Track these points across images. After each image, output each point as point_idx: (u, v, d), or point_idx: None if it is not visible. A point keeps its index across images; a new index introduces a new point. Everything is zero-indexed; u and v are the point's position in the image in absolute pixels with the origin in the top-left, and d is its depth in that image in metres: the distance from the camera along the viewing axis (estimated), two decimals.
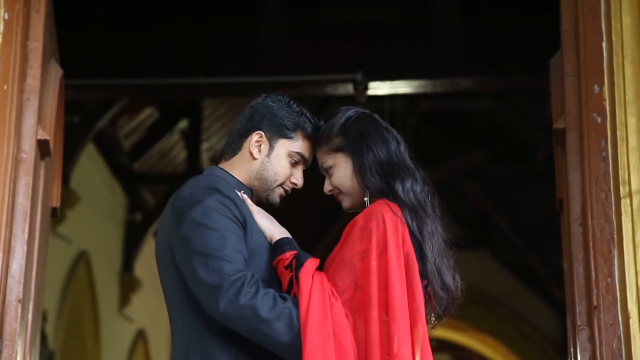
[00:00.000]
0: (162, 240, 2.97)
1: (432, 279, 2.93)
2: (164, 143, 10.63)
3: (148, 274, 10.87)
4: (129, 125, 10.19)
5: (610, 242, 3.49)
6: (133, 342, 10.80)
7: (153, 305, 11.46)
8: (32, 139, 3.77)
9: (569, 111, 3.70)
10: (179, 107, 10.27)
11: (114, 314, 10.20)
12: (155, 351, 11.51)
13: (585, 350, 3.51)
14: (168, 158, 10.91)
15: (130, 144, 10.40)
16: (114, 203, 10.27)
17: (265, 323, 2.73)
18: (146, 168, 10.77)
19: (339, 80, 6.64)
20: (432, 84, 6.85)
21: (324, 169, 3.08)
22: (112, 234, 10.24)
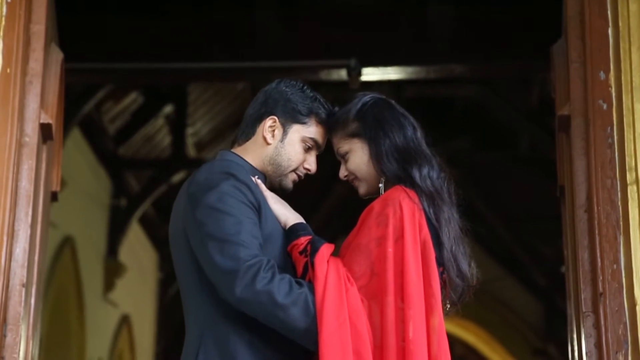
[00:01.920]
0: (176, 225, 2.96)
1: (449, 266, 2.93)
2: (148, 128, 10.59)
3: (133, 259, 10.86)
4: (114, 110, 10.14)
5: (616, 228, 3.49)
6: (117, 327, 10.78)
7: (137, 290, 11.46)
8: (35, 122, 3.74)
9: (574, 98, 3.71)
10: (164, 92, 10.23)
11: (98, 298, 10.17)
12: (139, 336, 11.50)
13: (590, 337, 3.52)
14: (153, 143, 10.88)
15: (115, 129, 10.36)
16: (99, 188, 10.23)
17: (282, 308, 2.73)
18: (131, 153, 10.72)
19: (333, 65, 6.63)
20: (425, 70, 6.84)
21: (339, 154, 3.08)
22: (96, 219, 10.20)
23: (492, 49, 6.65)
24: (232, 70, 6.99)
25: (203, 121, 10.95)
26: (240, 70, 6.85)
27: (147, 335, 11.98)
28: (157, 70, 7.57)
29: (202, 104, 10.68)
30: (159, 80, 8.65)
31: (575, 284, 3.82)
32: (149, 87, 9.98)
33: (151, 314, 12.13)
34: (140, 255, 11.51)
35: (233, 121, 11.18)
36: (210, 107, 10.79)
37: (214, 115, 10.96)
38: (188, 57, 7.23)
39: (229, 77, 7.93)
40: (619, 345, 3.43)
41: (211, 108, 10.82)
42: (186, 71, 7.59)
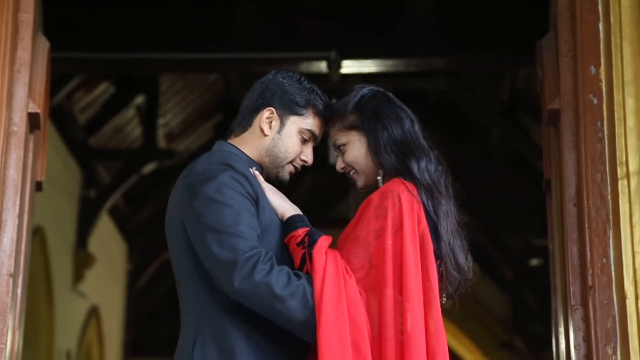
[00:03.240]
0: (173, 215, 2.94)
1: (446, 259, 2.94)
2: (119, 118, 10.52)
3: (102, 251, 10.79)
4: (85, 100, 10.06)
5: (605, 222, 3.52)
6: (86, 318, 10.72)
7: (106, 281, 11.40)
8: (23, 112, 3.71)
9: (564, 92, 3.72)
10: (135, 83, 10.17)
11: (67, 289, 10.10)
12: (108, 327, 11.44)
13: (579, 330, 3.55)
14: (123, 134, 10.81)
15: (85, 119, 10.28)
16: (69, 178, 10.15)
17: (280, 300, 2.72)
18: (101, 143, 10.65)
19: (312, 58, 6.62)
20: (405, 63, 6.85)
21: (336, 146, 3.07)
22: (66, 209, 10.12)
23: (472, 43, 6.67)
24: (210, 61, 6.96)
25: (174, 112, 10.90)
26: (219, 61, 6.82)
27: (116, 327, 11.92)
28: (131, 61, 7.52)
29: (173, 95, 10.64)
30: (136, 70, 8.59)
31: (563, 278, 3.84)
32: (121, 77, 9.91)
33: (120, 306, 12.08)
34: (109, 246, 11.45)
35: (204, 112, 11.15)
36: (182, 98, 10.75)
37: (185, 107, 10.92)
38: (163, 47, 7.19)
39: (205, 68, 7.90)
40: (607, 339, 3.45)
41: (182, 99, 10.78)
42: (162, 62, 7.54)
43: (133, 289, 12.15)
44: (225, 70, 8.84)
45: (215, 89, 10.80)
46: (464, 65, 7.58)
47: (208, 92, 10.84)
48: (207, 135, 11.34)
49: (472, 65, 7.61)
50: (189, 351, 2.84)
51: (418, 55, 6.73)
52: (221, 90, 10.81)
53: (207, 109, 11.13)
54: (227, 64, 7.05)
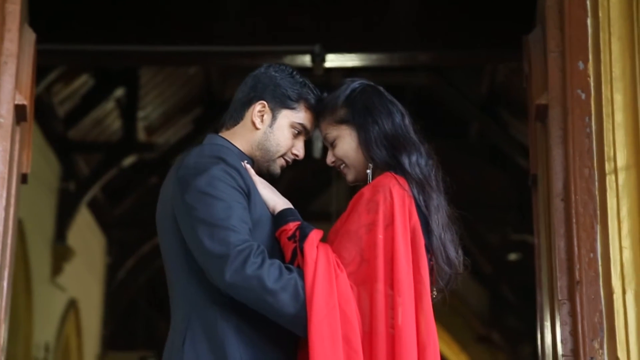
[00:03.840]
0: (164, 208, 2.93)
1: (437, 253, 2.95)
2: (99, 111, 10.47)
3: (81, 244, 10.75)
4: (64, 92, 10.00)
5: (593, 217, 3.53)
6: (65, 311, 10.68)
7: (85, 274, 11.36)
8: (9, 103, 3.69)
9: (552, 87, 3.73)
10: (115, 75, 10.12)
11: (46, 283, 10.06)
12: (86, 321, 11.40)
13: (566, 324, 3.56)
14: (103, 126, 10.77)
15: (65, 111, 10.22)
16: (48, 171, 10.09)
17: (271, 294, 2.72)
18: (81, 136, 10.60)
19: (297, 51, 6.61)
20: (389, 57, 6.85)
21: (327, 140, 3.07)
22: (45, 202, 10.07)
23: (456, 38, 6.67)
24: (192, 54, 6.93)
25: (154, 105, 10.86)
26: (201, 54, 6.80)
27: (94, 320, 11.88)
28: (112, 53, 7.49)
29: (153, 88, 10.60)
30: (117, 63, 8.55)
31: (549, 272, 3.86)
32: (101, 69, 9.87)
33: (98, 299, 12.04)
34: (88, 239, 11.41)
35: (184, 106, 11.12)
36: (162, 91, 10.71)
37: (165, 100, 10.88)
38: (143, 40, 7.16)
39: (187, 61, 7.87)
40: (594, 333, 3.46)
41: (162, 92, 10.74)
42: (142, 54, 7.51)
43: (112, 283, 12.11)
44: (208, 64, 8.83)
45: (195, 82, 10.77)
46: (448, 60, 7.58)
47: (188, 85, 10.81)
48: (187, 128, 11.31)
49: (456, 60, 7.61)
50: (179, 344, 2.83)
51: (402, 50, 6.73)
52: (201, 84, 10.79)
53: (187, 102, 11.10)
54: (210, 57, 7.03)
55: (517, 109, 10.73)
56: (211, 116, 10.99)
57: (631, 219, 3.45)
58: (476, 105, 10.70)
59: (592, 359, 3.44)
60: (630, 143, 3.49)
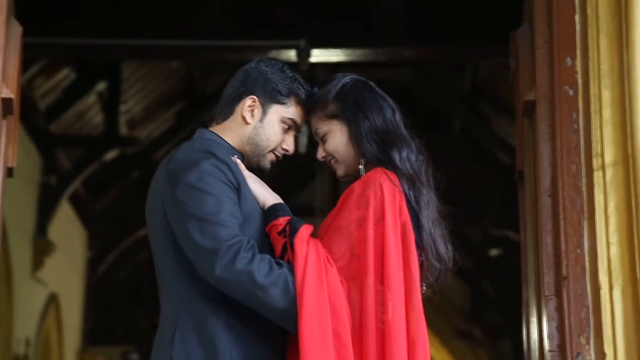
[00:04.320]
0: (154, 203, 2.92)
1: (427, 249, 2.95)
2: (80, 105, 10.43)
3: (62, 238, 10.71)
4: (46, 86, 9.96)
5: (580, 213, 3.54)
6: (45, 305, 10.64)
7: (66, 269, 11.32)
8: None
9: (539, 84, 3.73)
10: (97, 69, 10.09)
11: (26, 277, 10.02)
12: (67, 315, 11.36)
13: (553, 320, 3.57)
14: (85, 120, 10.72)
15: (46, 105, 10.18)
16: (29, 165, 10.04)
17: (261, 289, 2.72)
18: (62, 130, 10.55)
19: (282, 46, 6.61)
20: (374, 52, 6.86)
21: (317, 135, 3.07)
22: (26, 196, 10.03)
23: (442, 33, 6.69)
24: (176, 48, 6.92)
25: (136, 99, 10.83)
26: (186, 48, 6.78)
27: (75, 315, 11.84)
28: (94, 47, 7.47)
29: (135, 82, 10.57)
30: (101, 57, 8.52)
31: (536, 268, 3.86)
32: (83, 63, 9.83)
33: (79, 293, 12.00)
34: (69, 233, 11.36)
35: (166, 100, 11.10)
36: (144, 85, 10.69)
37: (147, 94, 10.86)
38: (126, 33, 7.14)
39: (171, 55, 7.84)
40: (581, 329, 3.47)
41: (145, 86, 10.72)
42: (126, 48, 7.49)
43: (93, 277, 12.07)
44: (194, 58, 8.81)
45: (177, 76, 10.75)
46: (434, 56, 7.61)
47: (170, 79, 10.79)
48: (169, 122, 11.29)
49: (442, 56, 7.63)
50: (168, 339, 2.82)
51: (387, 45, 6.73)
52: (183, 78, 10.77)
53: (169, 97, 11.08)
54: (195, 51, 7.03)
55: (499, 105, 10.77)
56: (193, 110, 10.98)
57: (618, 215, 3.46)
58: (459, 101, 10.73)
59: (579, 354, 3.45)
60: (618, 139, 3.50)
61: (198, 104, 10.92)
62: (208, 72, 10.73)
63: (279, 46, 6.63)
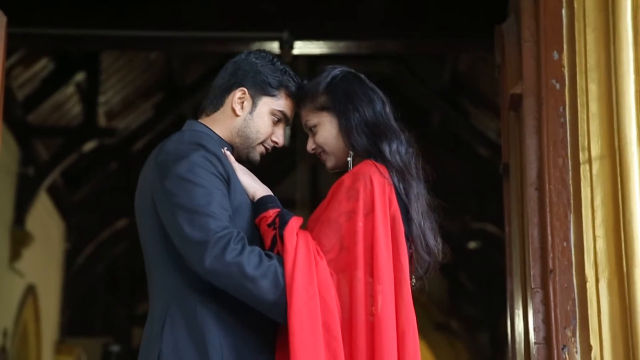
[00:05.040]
0: (143, 195, 2.91)
1: (417, 241, 2.96)
2: (59, 95, 10.37)
3: (40, 229, 10.65)
4: (24, 76, 9.89)
5: (566, 207, 3.55)
6: (23, 297, 10.58)
7: (44, 260, 11.26)
8: None
9: (526, 77, 3.74)
10: (76, 59, 10.03)
11: (4, 268, 9.95)
12: (45, 307, 11.30)
13: (539, 312, 3.58)
14: (63, 111, 10.66)
15: (24, 95, 10.11)
16: (6, 155, 9.96)
17: (251, 280, 2.72)
18: (40, 120, 10.49)
19: (265, 38, 6.59)
20: (357, 45, 6.85)
21: (307, 127, 3.07)
22: (3, 187, 9.95)
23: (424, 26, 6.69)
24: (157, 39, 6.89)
25: (115, 90, 10.77)
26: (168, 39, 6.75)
27: (53, 306, 11.78)
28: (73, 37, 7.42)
29: (114, 73, 10.52)
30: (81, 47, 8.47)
31: (522, 261, 3.88)
32: (62, 53, 9.77)
33: (57, 285, 11.94)
34: (47, 225, 11.30)
35: (145, 91, 11.06)
36: (123, 75, 10.63)
37: (126, 85, 10.80)
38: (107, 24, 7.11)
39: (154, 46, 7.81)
40: (567, 321, 3.49)
41: (123, 77, 10.66)
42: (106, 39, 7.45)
43: (70, 268, 12.02)
44: (176, 49, 8.78)
45: (156, 67, 10.71)
46: (416, 49, 7.61)
47: (149, 70, 10.74)
48: (148, 113, 11.25)
49: (424, 49, 7.64)
50: (158, 331, 2.82)
51: (370, 38, 6.73)
52: (162, 69, 10.73)
53: (148, 88, 11.04)
54: (178, 42, 6.99)
55: (478, 99, 10.79)
56: (172, 102, 10.95)
57: (605, 208, 3.47)
58: (438, 95, 10.74)
59: (565, 347, 3.46)
60: (605, 133, 3.51)
61: (177, 95, 10.89)
62: (187, 64, 10.69)
63: (262, 38, 6.61)
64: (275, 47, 6.55)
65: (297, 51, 6.65)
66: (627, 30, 3.50)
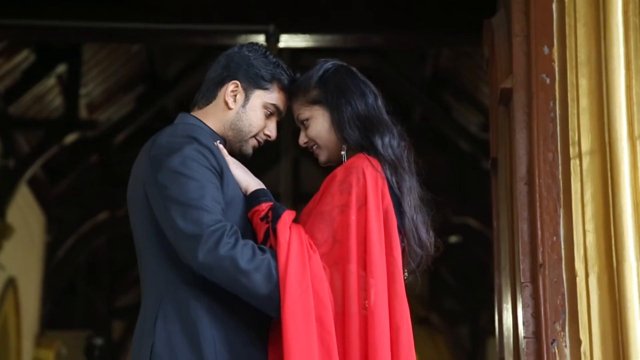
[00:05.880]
0: (136, 188, 2.90)
1: (409, 235, 2.96)
2: (40, 87, 10.30)
3: (20, 222, 10.59)
4: (4, 68, 9.82)
5: (556, 201, 3.55)
6: (3, 289, 10.52)
7: (24, 253, 11.20)
8: None
9: (516, 72, 3.74)
10: (57, 51, 9.97)
11: None
12: (25, 300, 11.24)
13: (528, 307, 3.59)
14: (44, 103, 10.60)
15: (4, 87, 10.04)
16: None
17: (244, 274, 2.71)
18: (21, 112, 10.42)
19: (251, 30, 6.57)
20: (343, 38, 6.84)
21: (299, 121, 3.06)
22: None
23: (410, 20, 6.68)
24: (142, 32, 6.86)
25: (96, 82, 10.72)
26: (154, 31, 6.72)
27: (33, 299, 11.72)
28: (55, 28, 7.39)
29: (95, 65, 10.46)
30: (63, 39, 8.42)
31: (511, 255, 3.88)
32: (43, 45, 9.71)
33: (37, 278, 11.87)
34: (28, 217, 11.23)
35: (127, 83, 11.01)
36: (104, 68, 10.58)
37: (108, 77, 10.76)
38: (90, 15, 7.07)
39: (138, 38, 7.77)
40: (556, 315, 3.49)
41: (105, 69, 10.61)
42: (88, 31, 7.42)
43: (51, 261, 11.95)
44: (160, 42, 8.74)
45: (138, 59, 10.67)
46: (401, 43, 7.61)
47: (131, 62, 10.70)
48: (129, 106, 11.21)
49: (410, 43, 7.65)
50: (151, 324, 2.81)
51: (356, 32, 6.73)
52: (144, 61, 10.69)
53: (130, 80, 10.99)
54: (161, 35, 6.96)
55: (459, 93, 10.81)
56: (154, 94, 10.90)
57: (595, 203, 3.48)
58: (420, 89, 10.75)
59: (554, 341, 3.47)
60: (595, 128, 3.52)
61: (159, 87, 10.85)
62: (169, 56, 10.66)
63: (248, 31, 6.59)
64: (261, 40, 6.53)
65: (283, 44, 6.64)
66: (617, 25, 3.51)
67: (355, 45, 7.38)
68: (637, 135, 3.44)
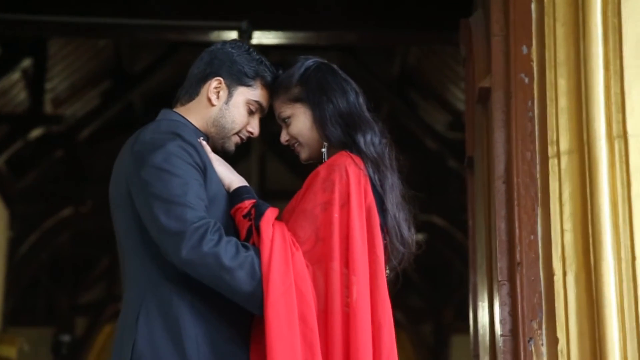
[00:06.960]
0: (118, 185, 2.88)
1: (392, 232, 2.97)
2: (4, 81, 10.20)
3: None
4: None
5: (534, 200, 3.56)
6: None
7: None
8: None
9: (495, 71, 3.74)
10: (22, 45, 9.88)
11: None
12: None
13: (505, 305, 3.59)
14: (8, 97, 10.50)
15: None
16: None
17: (228, 271, 2.71)
18: None
19: (224, 27, 6.54)
20: (316, 36, 6.84)
21: (281, 118, 3.06)
22: None
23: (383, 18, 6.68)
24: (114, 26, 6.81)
25: (62, 77, 10.64)
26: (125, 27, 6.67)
27: None
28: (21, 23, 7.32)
29: (61, 59, 10.39)
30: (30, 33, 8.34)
31: (487, 253, 3.89)
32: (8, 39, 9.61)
33: (0, 274, 11.77)
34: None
35: (92, 78, 10.94)
36: (70, 62, 10.50)
37: (73, 72, 10.68)
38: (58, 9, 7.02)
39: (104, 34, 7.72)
40: (533, 314, 3.50)
41: (71, 64, 10.54)
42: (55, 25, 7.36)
43: (14, 257, 11.85)
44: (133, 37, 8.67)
45: (104, 54, 10.60)
46: (374, 41, 7.62)
47: (97, 57, 10.63)
48: (95, 101, 11.14)
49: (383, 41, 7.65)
50: (133, 321, 2.80)
51: (330, 29, 6.72)
52: (110, 56, 10.62)
53: (96, 75, 10.92)
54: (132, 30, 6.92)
55: (426, 91, 10.83)
56: (120, 89, 10.84)
57: (573, 202, 3.49)
58: (387, 87, 10.77)
59: (531, 339, 3.48)
60: (573, 127, 3.53)
61: (125, 82, 10.79)
62: (137, 51, 10.59)
63: (221, 27, 6.57)
64: (234, 36, 6.51)
65: (256, 41, 6.62)
66: (596, 25, 3.52)
67: (328, 42, 7.38)
68: (615, 135, 3.45)
